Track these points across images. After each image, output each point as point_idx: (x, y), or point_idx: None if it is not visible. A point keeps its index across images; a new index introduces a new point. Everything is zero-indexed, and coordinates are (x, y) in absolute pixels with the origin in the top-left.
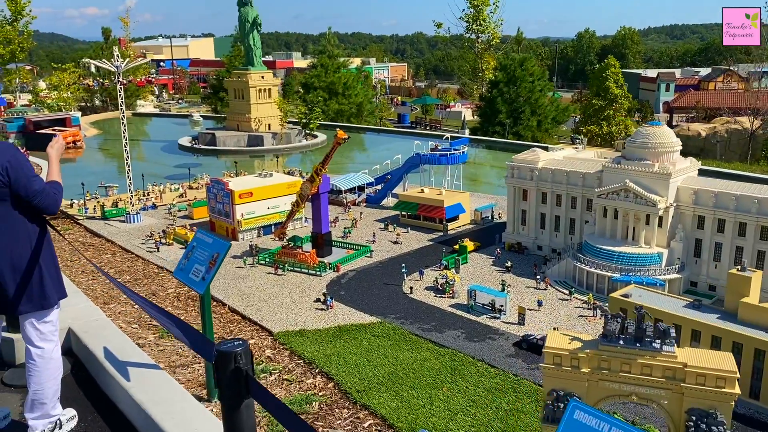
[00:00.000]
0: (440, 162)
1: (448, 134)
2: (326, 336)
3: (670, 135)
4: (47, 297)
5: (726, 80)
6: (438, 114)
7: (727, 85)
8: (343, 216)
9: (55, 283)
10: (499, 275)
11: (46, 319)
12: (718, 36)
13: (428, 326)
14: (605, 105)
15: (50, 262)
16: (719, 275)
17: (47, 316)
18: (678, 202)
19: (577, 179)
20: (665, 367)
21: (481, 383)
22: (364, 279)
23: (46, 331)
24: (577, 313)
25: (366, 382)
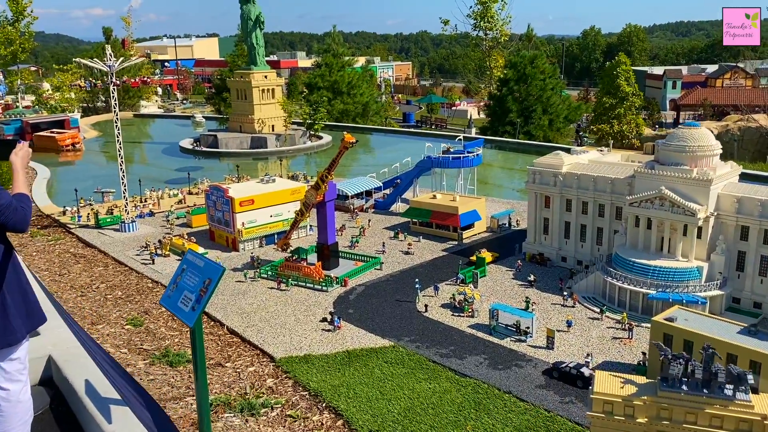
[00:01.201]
0: (453, 166)
1: (461, 135)
2: (334, 362)
3: (709, 137)
4: (12, 331)
5: (733, 77)
6: (443, 113)
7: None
8: (350, 223)
9: (22, 314)
10: (521, 290)
11: (12, 356)
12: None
13: (447, 351)
14: (616, 103)
15: (16, 288)
16: (766, 291)
17: (13, 353)
18: (719, 211)
19: (605, 185)
20: (740, 419)
21: (509, 420)
22: (375, 295)
23: (11, 370)
24: (610, 334)
25: (379, 420)
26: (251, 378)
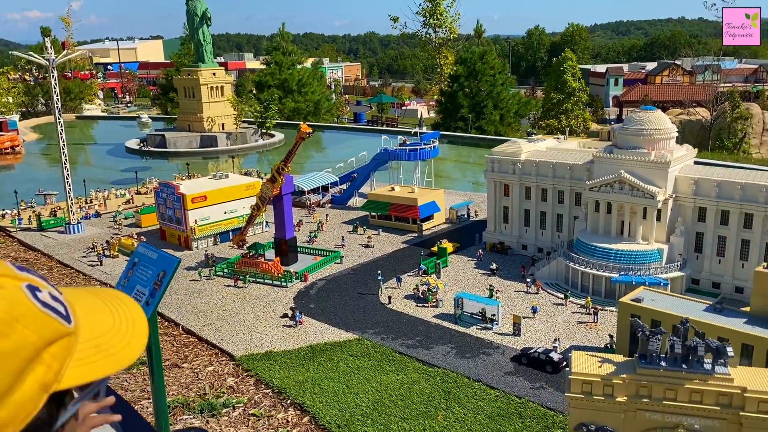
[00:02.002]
0: (410, 158)
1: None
2: (297, 358)
3: (666, 120)
4: None
5: (672, 74)
6: (394, 112)
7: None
8: (307, 218)
9: None
10: (484, 279)
11: None
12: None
13: (413, 341)
14: (563, 98)
15: None
16: (723, 271)
17: None
18: (677, 193)
19: (564, 171)
20: (719, 392)
21: (480, 409)
22: (336, 289)
23: None
24: (575, 319)
25: (347, 414)
26: (210, 378)
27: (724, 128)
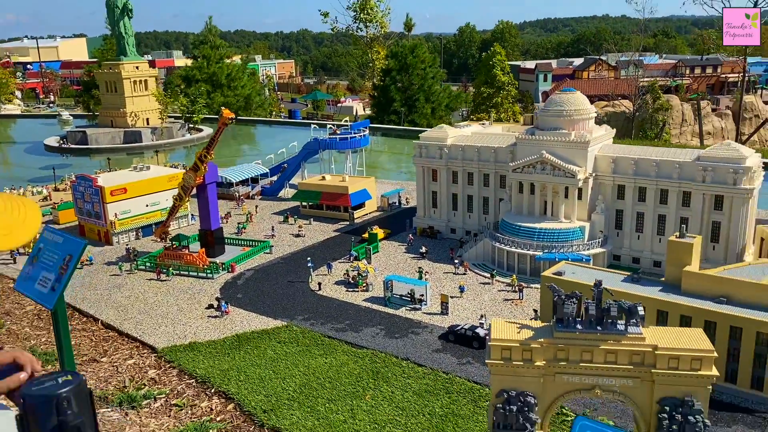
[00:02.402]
0: (341, 147)
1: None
2: (222, 348)
3: (585, 101)
4: None
5: (597, 69)
6: (329, 109)
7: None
8: (236, 211)
9: None
10: (414, 262)
11: None
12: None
13: (342, 325)
14: (493, 92)
15: None
16: (642, 247)
17: None
18: (597, 172)
19: (489, 155)
20: (632, 351)
21: (408, 386)
22: (265, 278)
23: None
24: (501, 296)
25: (274, 399)
26: (131, 371)
27: (646, 119)
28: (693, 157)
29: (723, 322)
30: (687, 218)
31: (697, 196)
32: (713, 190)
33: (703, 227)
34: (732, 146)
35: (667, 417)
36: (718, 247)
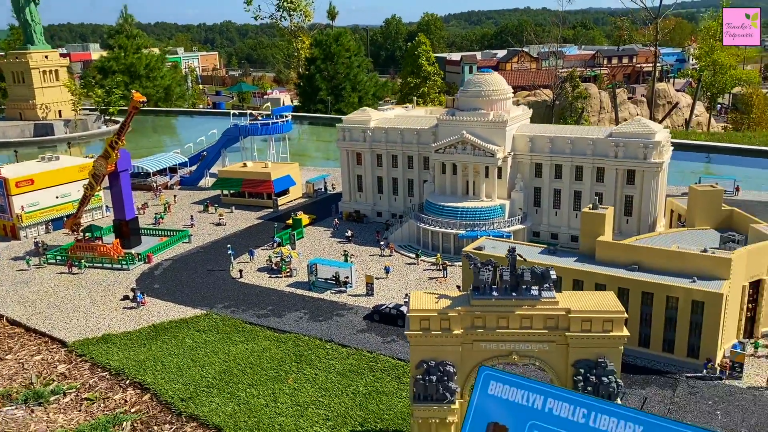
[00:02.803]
0: (262, 132)
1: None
2: (138, 339)
3: (502, 82)
4: None
5: (520, 60)
6: (255, 102)
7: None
8: (153, 201)
9: None
10: (339, 246)
11: None
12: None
13: (264, 311)
14: (420, 82)
15: None
16: (560, 222)
17: None
18: (515, 151)
19: (412, 137)
20: (547, 316)
21: (332, 367)
22: (184, 268)
23: None
24: (426, 275)
25: (192, 387)
26: (38, 367)
27: (565, 107)
28: (605, 134)
29: (635, 288)
30: (601, 193)
31: (610, 172)
32: (625, 165)
33: (617, 201)
34: (642, 122)
35: (582, 379)
36: (632, 220)
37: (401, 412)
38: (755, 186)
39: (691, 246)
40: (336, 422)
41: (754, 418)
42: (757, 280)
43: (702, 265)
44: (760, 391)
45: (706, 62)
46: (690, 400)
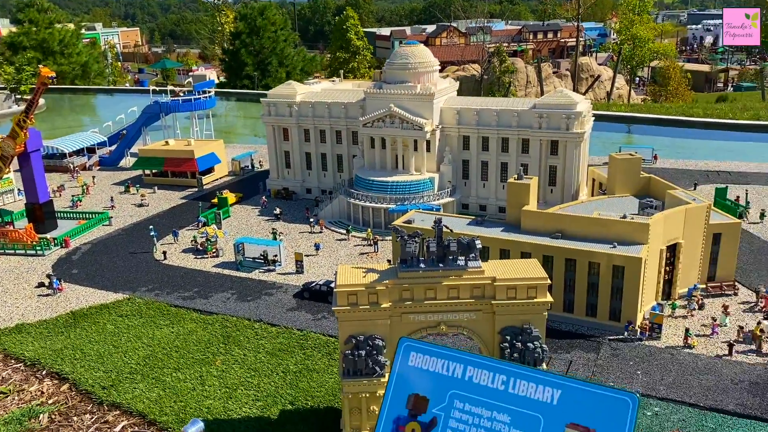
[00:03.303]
0: (184, 109)
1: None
2: (55, 327)
3: (428, 54)
4: None
5: (449, 35)
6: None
7: (450, 40)
8: (70, 183)
9: None
10: (267, 225)
11: None
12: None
13: (190, 293)
14: (349, 57)
15: None
16: (488, 194)
17: None
18: (443, 124)
19: (339, 111)
20: (473, 285)
21: (261, 347)
22: (104, 251)
23: None
24: (357, 251)
25: (114, 375)
26: None
27: (493, 82)
28: (530, 106)
29: (559, 255)
30: (527, 164)
31: (534, 143)
32: (549, 136)
33: (542, 172)
34: (564, 93)
35: (508, 346)
36: (556, 189)
37: (332, 388)
38: (672, 154)
39: (611, 213)
40: (266, 402)
41: (672, 376)
42: (673, 244)
43: (622, 230)
44: (677, 350)
45: (625, 36)
46: (612, 361)
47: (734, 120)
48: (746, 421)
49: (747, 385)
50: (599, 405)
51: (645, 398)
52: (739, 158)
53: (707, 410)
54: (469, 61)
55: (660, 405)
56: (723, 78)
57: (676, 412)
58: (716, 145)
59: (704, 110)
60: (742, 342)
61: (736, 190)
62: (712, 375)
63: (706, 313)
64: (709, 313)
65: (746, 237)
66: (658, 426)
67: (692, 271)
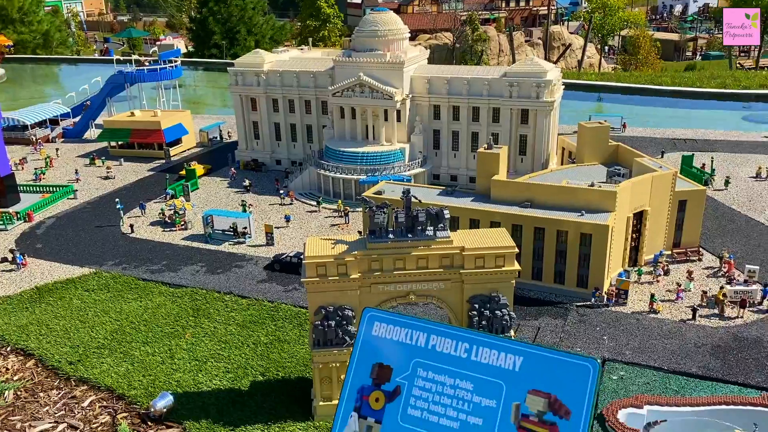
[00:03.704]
0: (150, 79)
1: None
2: (20, 302)
3: (398, 21)
4: None
5: (421, 3)
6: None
7: (423, 8)
8: (33, 155)
9: None
10: (237, 196)
11: None
12: None
13: (158, 267)
14: (319, 25)
15: None
16: (459, 164)
17: None
18: (413, 93)
19: (308, 80)
20: (442, 255)
21: (232, 319)
22: (69, 225)
23: None
24: (328, 222)
25: (81, 350)
26: None
27: (466, 50)
28: (500, 74)
29: (528, 224)
30: (497, 134)
31: (505, 112)
32: (519, 105)
33: (512, 141)
34: (534, 61)
35: (477, 314)
36: (526, 159)
37: (303, 358)
38: (641, 123)
39: (580, 181)
40: (236, 374)
41: (637, 340)
42: (640, 211)
43: (590, 198)
44: (643, 316)
45: (596, 4)
46: (580, 327)
47: (701, 88)
48: (708, 382)
49: (709, 348)
50: (561, 371)
51: (611, 363)
52: (705, 126)
53: (671, 373)
54: (441, 30)
55: (626, 369)
56: (692, 47)
57: (641, 376)
58: (684, 113)
59: (672, 79)
60: (706, 306)
61: (702, 157)
62: (676, 339)
63: (671, 278)
64: (674, 278)
65: (711, 203)
66: (624, 390)
67: (658, 238)
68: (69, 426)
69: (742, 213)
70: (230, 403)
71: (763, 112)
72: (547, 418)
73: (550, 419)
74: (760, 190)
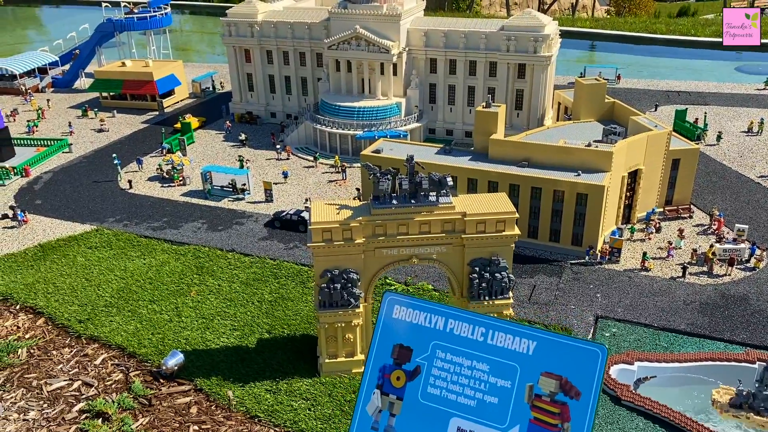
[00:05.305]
0: (140, 27)
1: None
2: (24, 260)
3: None
4: None
5: None
6: None
7: None
8: (24, 106)
9: None
10: (233, 151)
11: None
12: None
13: (160, 223)
14: None
15: None
16: (455, 118)
17: None
18: (410, 46)
19: (302, 31)
20: (444, 220)
21: (235, 276)
22: (67, 180)
23: None
24: (326, 178)
25: (89, 308)
26: None
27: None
28: (498, 28)
29: (525, 184)
30: (494, 88)
31: (502, 66)
32: (516, 59)
33: (508, 96)
34: (532, 15)
35: (477, 276)
36: (522, 114)
37: (307, 316)
38: (635, 73)
39: (576, 140)
40: (243, 332)
41: (629, 298)
42: (634, 170)
43: (586, 158)
44: (635, 273)
45: None
46: (574, 285)
47: (696, 37)
48: (696, 339)
49: (698, 305)
50: (571, 355)
51: (603, 320)
52: (699, 78)
53: (661, 330)
54: None
55: (617, 326)
56: None
57: (632, 333)
58: (678, 63)
59: (667, 26)
60: (695, 264)
61: (695, 111)
62: (666, 296)
63: (662, 236)
64: (666, 236)
65: (703, 159)
66: (615, 346)
67: (651, 196)
68: (84, 383)
69: (732, 169)
70: (239, 360)
71: (756, 62)
72: (558, 398)
73: (561, 399)
74: (751, 145)
